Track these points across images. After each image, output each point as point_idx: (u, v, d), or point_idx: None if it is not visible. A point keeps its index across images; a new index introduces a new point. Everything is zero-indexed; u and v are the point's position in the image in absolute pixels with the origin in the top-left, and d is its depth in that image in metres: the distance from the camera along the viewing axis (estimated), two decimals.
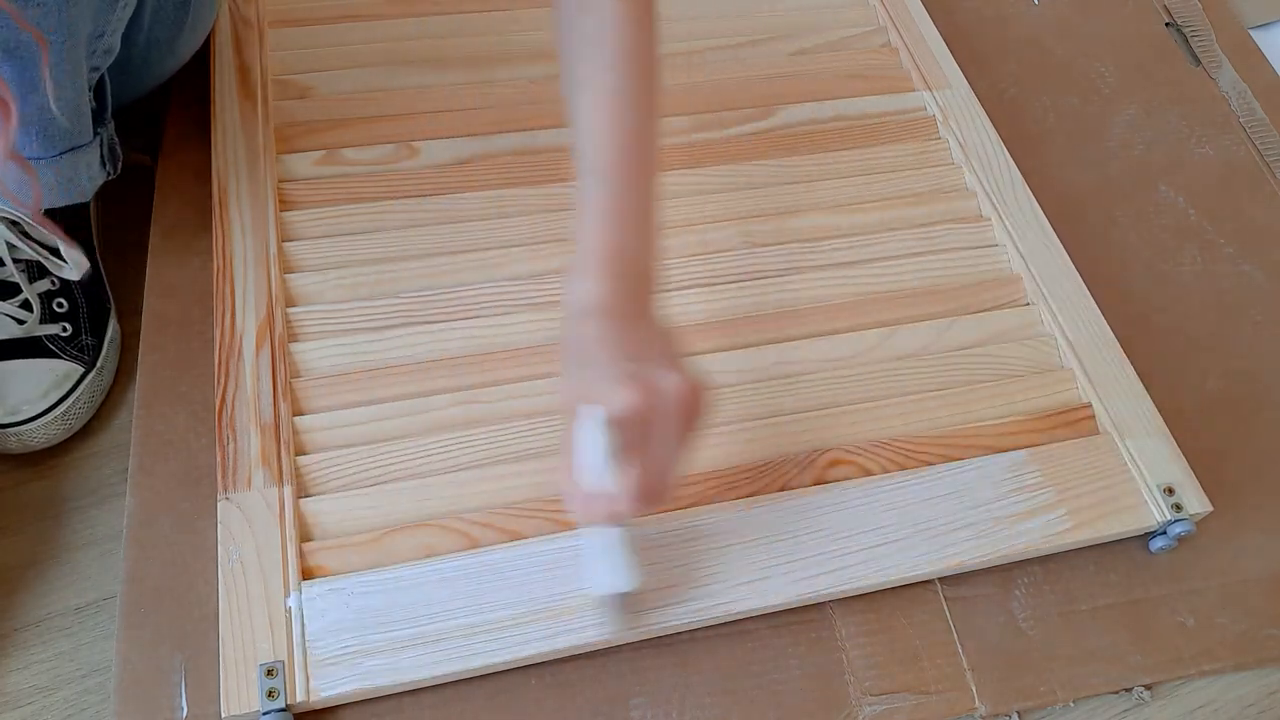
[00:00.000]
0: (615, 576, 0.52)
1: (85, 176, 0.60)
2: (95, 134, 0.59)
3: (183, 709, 0.53)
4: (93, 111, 0.59)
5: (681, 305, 0.68)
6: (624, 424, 0.47)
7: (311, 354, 0.63)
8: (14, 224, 0.61)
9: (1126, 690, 0.60)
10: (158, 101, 0.76)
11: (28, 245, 0.62)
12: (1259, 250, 0.80)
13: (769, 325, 0.68)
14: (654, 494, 0.48)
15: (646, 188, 0.52)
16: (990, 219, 0.75)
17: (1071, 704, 0.59)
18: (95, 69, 0.58)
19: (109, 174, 0.63)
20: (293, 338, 0.64)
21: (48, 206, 0.60)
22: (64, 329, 0.63)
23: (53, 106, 0.52)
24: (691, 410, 0.48)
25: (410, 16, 0.82)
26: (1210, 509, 0.62)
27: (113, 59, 0.59)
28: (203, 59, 0.76)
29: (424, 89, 0.78)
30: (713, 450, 0.62)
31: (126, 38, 0.60)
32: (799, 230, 0.73)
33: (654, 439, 0.48)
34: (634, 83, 0.52)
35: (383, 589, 0.55)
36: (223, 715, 0.51)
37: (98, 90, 0.60)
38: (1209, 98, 0.90)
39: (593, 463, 0.48)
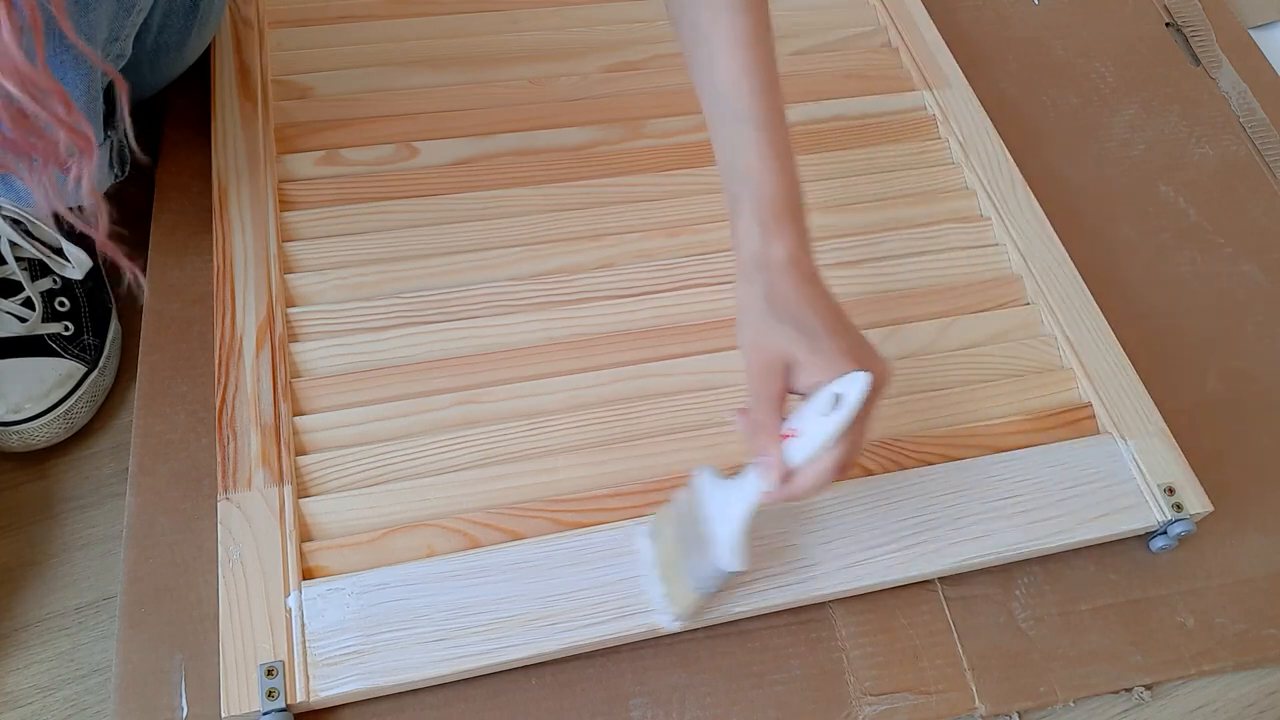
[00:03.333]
0: (737, 555, 0.50)
1: (96, 179, 0.60)
2: (106, 137, 0.59)
3: (183, 709, 0.53)
4: (105, 114, 0.59)
5: (681, 305, 0.68)
6: (872, 394, 0.47)
7: (311, 354, 0.63)
8: (17, 223, 0.61)
9: (1126, 690, 0.60)
10: (158, 101, 0.76)
11: (30, 244, 0.62)
12: (1259, 250, 0.80)
13: None
14: (846, 470, 0.49)
15: (789, 132, 0.52)
16: (990, 219, 0.75)
17: (1071, 704, 0.59)
18: (106, 73, 0.58)
19: (117, 176, 0.63)
20: (293, 338, 0.64)
21: (55, 208, 0.60)
22: (66, 328, 0.63)
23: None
24: (884, 387, 0.49)
25: (410, 16, 0.82)
26: (1210, 509, 0.62)
27: (124, 62, 0.59)
28: (203, 59, 0.76)
29: (424, 89, 0.78)
30: (713, 450, 0.62)
31: (136, 41, 0.60)
32: None
33: (869, 413, 0.48)
34: (762, 24, 0.52)
35: (382, 589, 0.55)
36: (223, 715, 0.51)
37: (108, 93, 0.60)
38: (1209, 98, 0.90)
39: (833, 430, 0.47)
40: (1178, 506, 0.62)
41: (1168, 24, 0.96)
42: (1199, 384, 0.72)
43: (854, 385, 0.47)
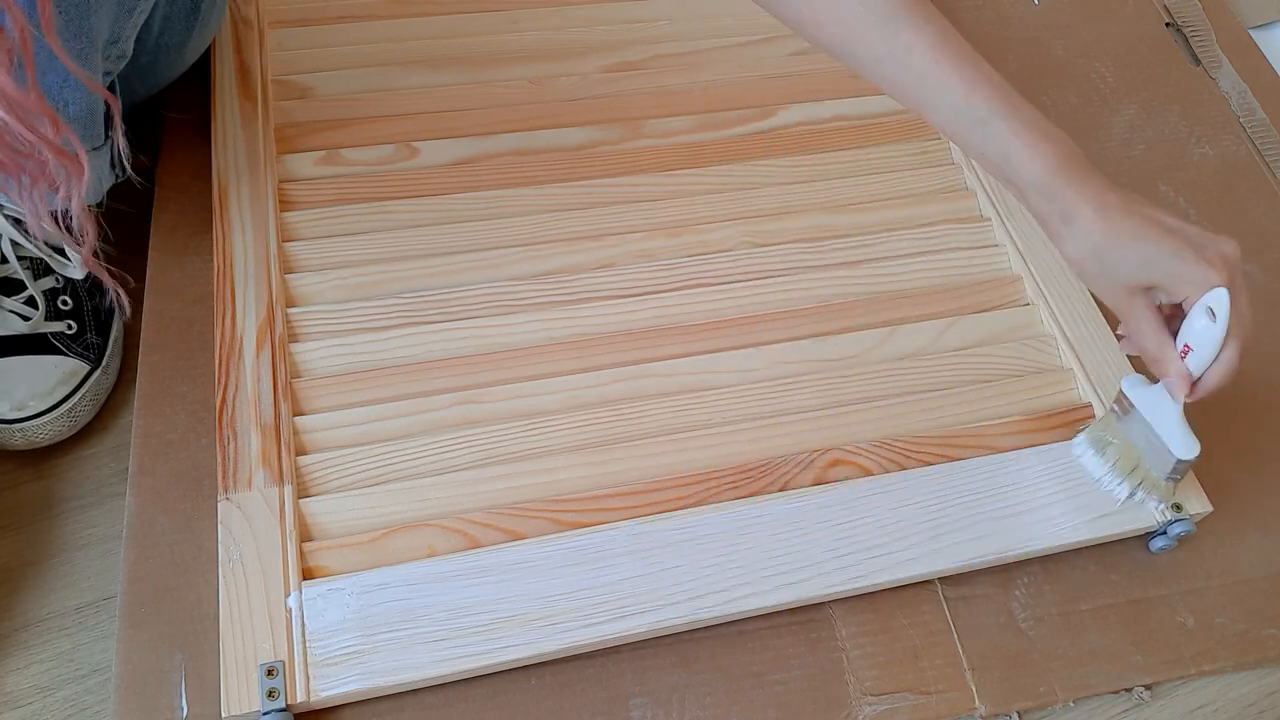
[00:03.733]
0: (1193, 441, 0.57)
1: (97, 180, 0.60)
2: (107, 137, 0.59)
3: (183, 709, 0.53)
4: (106, 116, 0.59)
5: (681, 305, 0.68)
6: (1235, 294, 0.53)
7: (311, 354, 0.63)
8: (18, 222, 0.61)
9: (1126, 690, 0.60)
10: (158, 102, 0.76)
11: (31, 243, 0.62)
12: (1259, 250, 0.80)
13: (769, 325, 0.68)
14: (1245, 352, 0.55)
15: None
16: (990, 219, 0.75)
17: (1071, 704, 0.59)
18: (108, 74, 0.58)
19: (118, 177, 0.63)
20: (293, 338, 0.64)
21: (49, 226, 0.60)
22: (69, 326, 0.63)
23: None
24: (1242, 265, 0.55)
25: (410, 16, 0.82)
26: (1210, 509, 0.62)
27: (125, 63, 0.59)
28: (203, 59, 0.76)
29: (424, 89, 0.78)
30: (713, 450, 0.62)
31: (136, 42, 0.60)
32: (799, 230, 0.73)
33: (1242, 300, 0.54)
34: (946, 24, 0.55)
35: (382, 589, 0.55)
36: (223, 715, 0.51)
37: (109, 93, 0.60)
38: (1209, 98, 0.90)
39: (1211, 340, 0.54)
40: (1177, 506, 0.62)
41: (1168, 24, 0.96)
42: None
43: (1221, 298, 0.53)
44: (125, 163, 0.63)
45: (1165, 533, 0.62)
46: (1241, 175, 0.85)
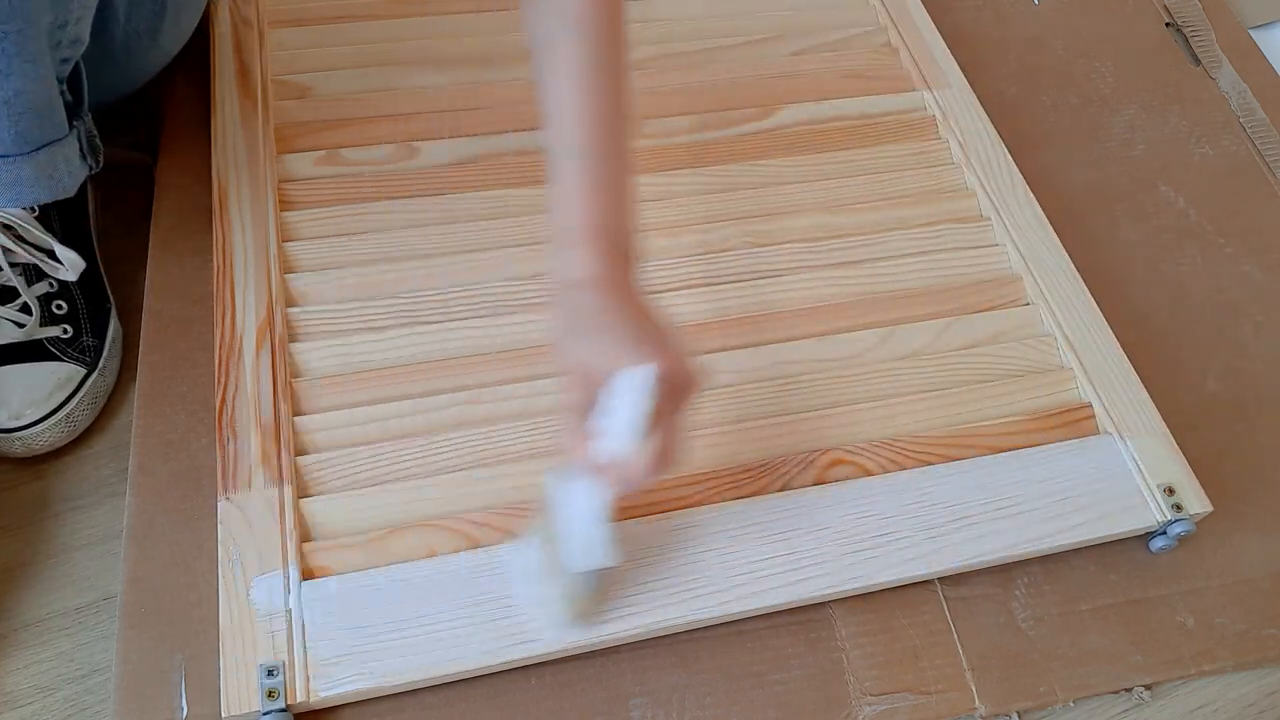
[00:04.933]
0: (602, 550, 0.50)
1: (65, 171, 0.58)
2: (71, 127, 0.58)
3: (183, 709, 0.53)
4: (67, 104, 0.58)
5: (681, 305, 0.68)
6: (662, 387, 0.47)
7: (311, 354, 0.63)
8: (8, 228, 0.61)
9: (1126, 690, 0.60)
10: (157, 101, 0.76)
11: (22, 248, 0.61)
12: (1259, 250, 0.80)
13: (769, 325, 0.68)
14: (672, 460, 0.49)
15: (622, 159, 0.53)
16: (990, 219, 0.75)
17: (1071, 704, 0.59)
18: (65, 60, 0.56)
19: (91, 168, 0.61)
20: (293, 338, 0.64)
21: (31, 204, 0.59)
22: (64, 331, 0.63)
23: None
24: (697, 386, 0.49)
25: (410, 16, 0.82)
26: (1210, 509, 0.62)
27: (83, 49, 0.57)
28: (203, 59, 0.76)
29: (424, 89, 0.78)
30: (713, 450, 0.62)
31: (103, 28, 0.59)
32: (799, 230, 0.73)
33: (674, 406, 0.49)
34: (601, 54, 0.53)
35: (383, 589, 0.55)
36: (223, 715, 0.51)
37: (72, 82, 0.58)
38: (1209, 98, 0.90)
39: (627, 425, 0.47)
40: (1177, 506, 0.62)
41: (1168, 24, 0.96)
42: (1199, 384, 0.72)
43: (631, 380, 0.47)
44: (98, 154, 0.62)
45: (1165, 533, 0.62)
46: (1241, 175, 0.85)
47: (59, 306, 0.64)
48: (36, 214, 0.63)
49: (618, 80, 0.54)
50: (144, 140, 0.75)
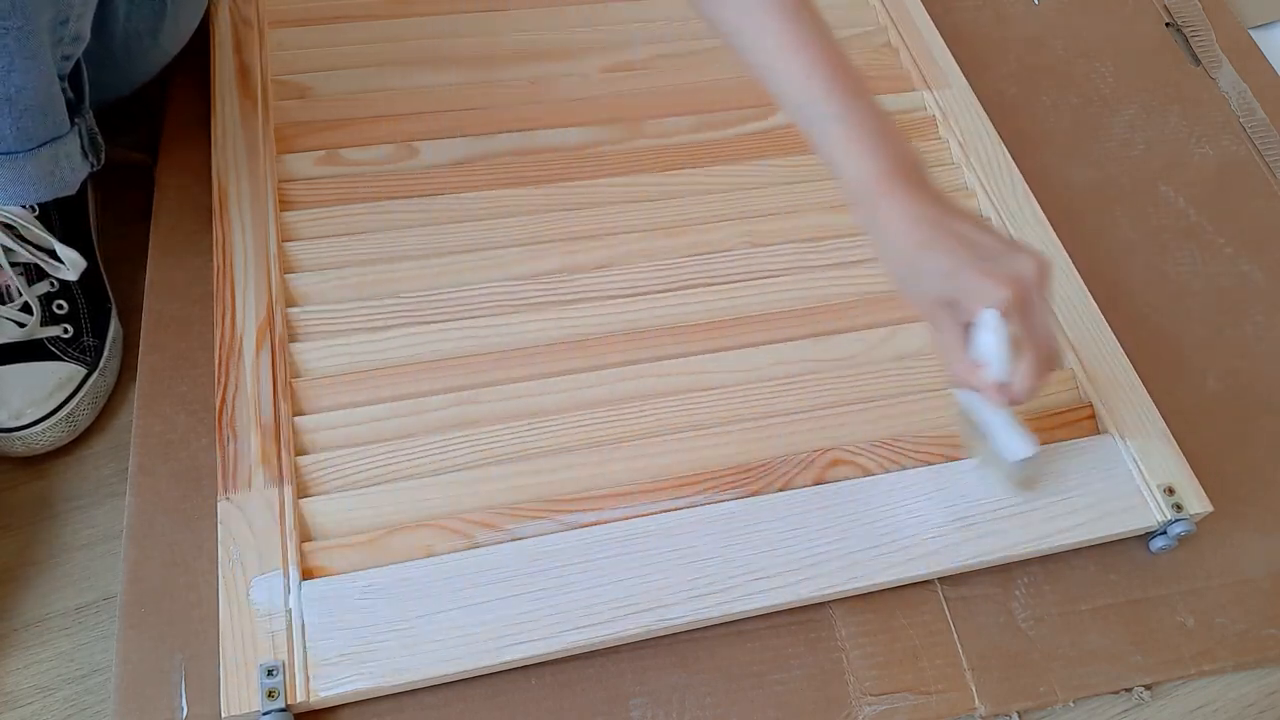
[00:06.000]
0: (1025, 442, 0.56)
1: (67, 169, 0.59)
2: (73, 124, 0.58)
3: (183, 709, 0.53)
4: (69, 102, 0.58)
5: (681, 305, 0.68)
6: (1012, 312, 0.51)
7: (311, 354, 0.63)
8: (8, 227, 0.61)
9: (1126, 690, 0.60)
10: (157, 101, 0.76)
11: (23, 248, 0.61)
12: (1259, 250, 0.80)
13: (769, 325, 0.68)
14: (1052, 362, 0.53)
15: (877, 106, 0.55)
16: (990, 219, 0.75)
17: (1071, 704, 0.59)
18: (66, 57, 0.56)
19: (92, 165, 0.61)
20: (293, 338, 0.64)
21: (32, 201, 0.59)
22: (65, 330, 0.63)
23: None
24: (1047, 278, 0.52)
25: (410, 16, 0.82)
26: (1210, 509, 0.62)
27: (84, 45, 0.57)
28: (203, 59, 0.76)
29: (424, 89, 0.78)
30: (713, 450, 0.62)
31: (104, 26, 0.59)
32: (799, 230, 0.73)
33: (1033, 316, 0.51)
34: (815, 19, 0.55)
35: (383, 589, 0.55)
36: (223, 715, 0.51)
37: (74, 79, 0.58)
38: (1209, 98, 0.90)
39: (999, 357, 0.52)
40: (1177, 507, 0.62)
41: (1168, 24, 0.96)
42: (1199, 384, 0.72)
43: (987, 319, 0.51)
44: (99, 151, 0.62)
45: (1165, 533, 0.62)
46: (1241, 175, 0.85)
47: (60, 306, 0.64)
48: (37, 213, 0.63)
49: (832, 38, 0.55)
50: (144, 140, 0.75)
